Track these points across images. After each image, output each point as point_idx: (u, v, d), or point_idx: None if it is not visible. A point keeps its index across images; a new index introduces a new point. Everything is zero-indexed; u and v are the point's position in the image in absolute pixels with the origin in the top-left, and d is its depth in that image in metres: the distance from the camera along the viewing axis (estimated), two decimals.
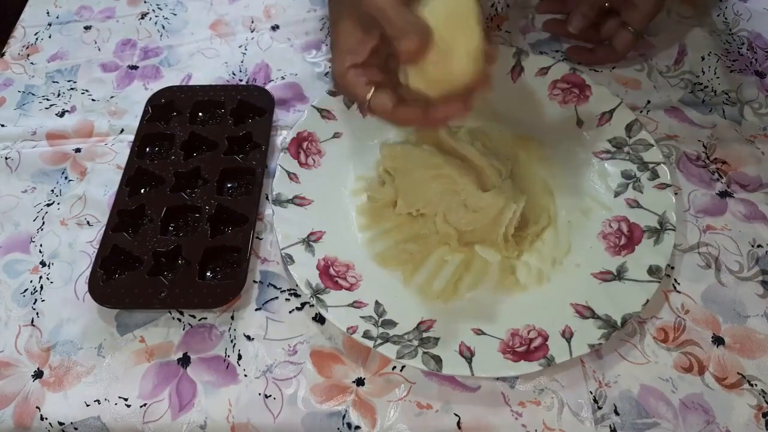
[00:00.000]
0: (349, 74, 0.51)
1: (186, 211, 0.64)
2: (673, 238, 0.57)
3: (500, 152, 0.66)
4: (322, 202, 0.64)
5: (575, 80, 0.69)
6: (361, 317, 0.56)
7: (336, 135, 0.68)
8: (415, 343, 0.54)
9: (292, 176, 0.64)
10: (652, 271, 0.56)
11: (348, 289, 0.58)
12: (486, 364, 0.53)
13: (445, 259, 0.61)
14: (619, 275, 0.57)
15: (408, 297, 0.59)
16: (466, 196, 0.60)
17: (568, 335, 0.54)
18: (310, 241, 0.61)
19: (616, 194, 0.63)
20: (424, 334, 0.55)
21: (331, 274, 0.59)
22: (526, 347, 0.54)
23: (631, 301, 0.55)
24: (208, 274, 0.61)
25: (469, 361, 0.53)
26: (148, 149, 0.69)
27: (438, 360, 0.53)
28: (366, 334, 0.54)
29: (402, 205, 0.62)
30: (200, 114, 0.72)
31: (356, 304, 0.57)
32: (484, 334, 0.55)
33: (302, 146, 0.66)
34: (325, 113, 0.68)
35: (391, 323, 0.56)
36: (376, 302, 0.57)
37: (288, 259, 0.59)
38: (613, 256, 0.59)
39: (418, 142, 0.65)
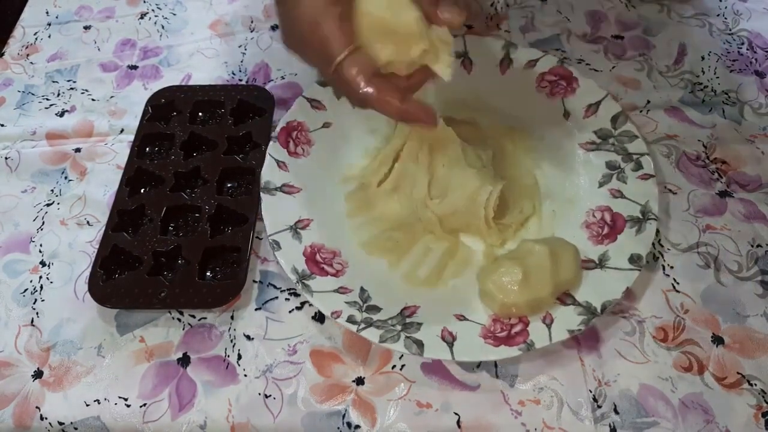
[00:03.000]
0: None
1: (186, 211, 0.64)
2: (655, 227, 0.58)
3: (483, 142, 0.66)
4: (310, 190, 0.65)
5: (563, 73, 0.69)
6: (346, 302, 0.56)
7: (325, 125, 0.68)
8: (398, 328, 0.55)
9: (281, 165, 0.65)
10: (633, 259, 0.57)
11: (334, 275, 0.59)
12: (467, 349, 0.53)
13: (430, 247, 0.62)
14: (600, 263, 0.58)
15: (393, 284, 0.59)
16: (448, 167, 0.61)
17: (548, 321, 0.54)
18: (297, 228, 0.61)
19: (600, 185, 0.63)
20: (408, 320, 0.56)
21: (318, 261, 0.59)
22: (507, 332, 0.54)
23: (612, 289, 0.55)
24: (208, 274, 0.61)
25: (451, 345, 0.53)
26: (148, 149, 0.69)
27: (420, 344, 0.53)
28: (350, 319, 0.55)
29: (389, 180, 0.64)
30: (200, 114, 0.72)
31: (341, 290, 0.57)
32: (467, 320, 0.56)
33: (291, 135, 0.67)
34: (315, 103, 0.69)
35: (376, 308, 0.56)
36: (362, 288, 0.58)
37: (275, 246, 0.59)
38: (596, 245, 0.59)
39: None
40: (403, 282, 0.60)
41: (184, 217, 0.64)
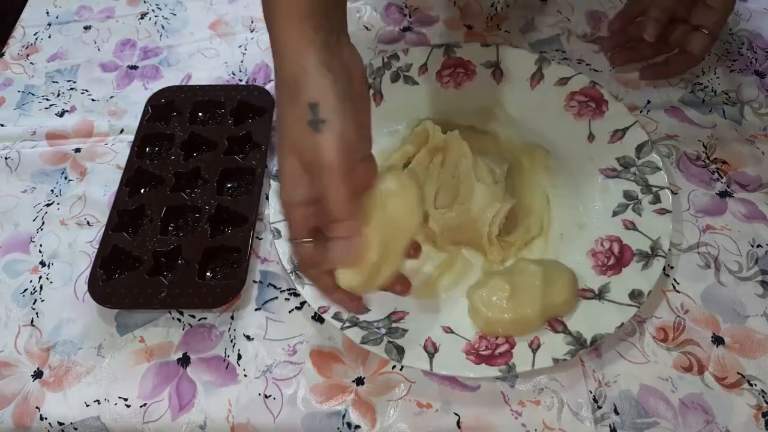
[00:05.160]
0: (295, 212, 0.48)
1: (186, 211, 0.64)
2: (663, 265, 0.56)
3: (500, 155, 0.65)
4: None
5: (593, 94, 0.68)
6: None
7: None
8: (383, 331, 0.55)
9: None
10: (634, 295, 0.55)
11: None
12: (447, 362, 0.53)
13: (428, 255, 0.61)
14: (599, 294, 0.56)
15: None
16: (458, 179, 0.60)
17: (535, 346, 0.54)
18: None
19: (614, 214, 0.62)
20: (394, 324, 0.56)
21: None
22: (491, 352, 0.54)
23: (606, 323, 0.54)
24: (208, 274, 0.61)
25: (431, 356, 0.53)
26: (147, 149, 0.69)
27: (401, 351, 0.53)
28: (336, 316, 0.55)
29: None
30: (200, 114, 0.72)
31: None
32: (453, 333, 0.56)
33: None
34: None
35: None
36: None
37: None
38: (598, 275, 0.58)
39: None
40: None
41: (184, 218, 0.64)
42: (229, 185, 0.67)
